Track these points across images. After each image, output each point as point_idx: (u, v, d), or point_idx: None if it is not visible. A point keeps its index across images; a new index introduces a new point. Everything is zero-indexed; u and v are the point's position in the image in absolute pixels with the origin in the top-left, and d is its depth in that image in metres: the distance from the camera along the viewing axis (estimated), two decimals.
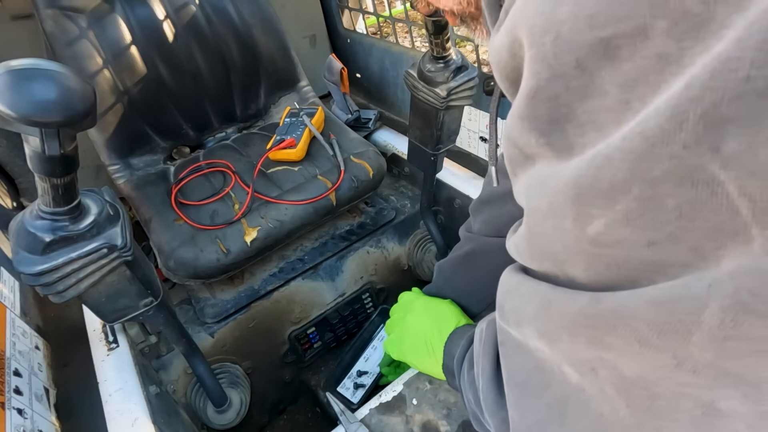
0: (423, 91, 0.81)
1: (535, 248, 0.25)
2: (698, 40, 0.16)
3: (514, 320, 0.29)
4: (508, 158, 0.26)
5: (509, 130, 0.24)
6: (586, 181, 0.20)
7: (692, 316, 0.18)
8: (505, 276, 0.30)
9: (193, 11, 1.04)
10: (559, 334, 0.24)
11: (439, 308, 0.67)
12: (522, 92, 0.22)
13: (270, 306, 0.97)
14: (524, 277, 0.28)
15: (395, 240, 1.14)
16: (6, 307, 0.71)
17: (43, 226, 0.50)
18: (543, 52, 0.20)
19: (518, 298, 0.28)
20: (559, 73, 0.20)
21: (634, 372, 0.21)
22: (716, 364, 0.18)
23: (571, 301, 0.23)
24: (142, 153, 1.04)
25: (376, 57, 1.34)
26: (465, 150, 1.14)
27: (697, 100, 0.15)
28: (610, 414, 0.23)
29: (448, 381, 0.62)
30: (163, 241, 0.87)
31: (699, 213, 0.17)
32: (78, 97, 0.42)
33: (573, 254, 0.22)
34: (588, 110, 0.20)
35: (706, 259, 0.17)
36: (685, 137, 0.16)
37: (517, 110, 0.23)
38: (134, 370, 0.71)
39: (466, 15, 0.39)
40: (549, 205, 0.22)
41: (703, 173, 0.16)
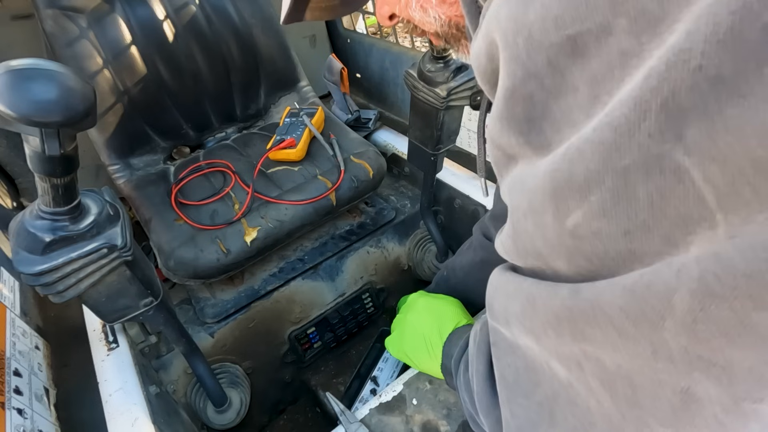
0: (423, 91, 0.81)
1: (520, 245, 0.26)
2: (655, 35, 0.17)
3: (503, 319, 0.29)
4: (493, 161, 0.27)
5: (491, 132, 0.25)
6: (561, 175, 0.20)
7: (663, 302, 0.18)
8: (494, 275, 0.31)
9: (193, 11, 1.04)
10: (544, 329, 0.24)
11: (440, 307, 0.67)
12: (500, 93, 0.23)
13: (270, 306, 0.97)
14: (511, 274, 0.28)
15: (395, 240, 1.14)
16: (6, 307, 0.71)
17: (43, 226, 0.50)
18: (516, 52, 0.21)
19: (505, 296, 0.28)
20: (532, 72, 0.20)
21: (615, 363, 0.21)
22: (689, 349, 0.18)
23: (552, 294, 0.23)
24: (142, 153, 1.04)
25: (376, 57, 1.34)
26: (465, 150, 1.14)
27: (657, 91, 0.16)
28: (597, 408, 0.23)
29: (446, 381, 0.62)
30: (163, 241, 0.87)
31: (668, 201, 0.17)
32: (78, 97, 0.42)
33: (554, 249, 0.23)
34: (562, 107, 0.20)
35: (676, 247, 0.18)
36: (649, 126, 0.17)
37: (497, 111, 0.23)
38: (134, 370, 0.71)
39: (449, 36, 0.41)
40: (529, 203, 0.23)
41: (670, 161, 0.17)
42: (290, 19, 0.46)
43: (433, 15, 0.39)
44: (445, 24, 0.40)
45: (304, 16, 0.47)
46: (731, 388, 0.18)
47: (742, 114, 0.15)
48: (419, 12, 0.40)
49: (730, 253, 0.16)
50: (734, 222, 0.16)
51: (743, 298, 0.16)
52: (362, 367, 0.95)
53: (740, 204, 0.16)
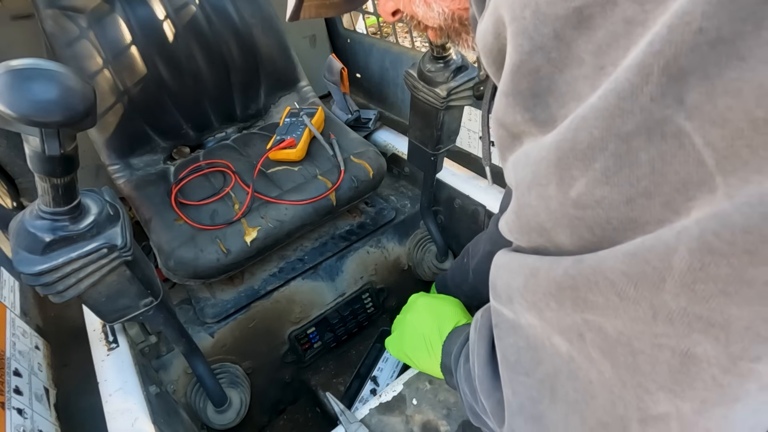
0: (423, 91, 0.81)
1: (523, 220, 0.26)
2: (659, 1, 0.17)
3: (506, 296, 0.30)
4: (497, 142, 0.27)
5: (496, 110, 0.25)
6: (565, 144, 0.20)
7: (663, 262, 0.18)
8: (497, 257, 0.31)
9: (193, 11, 1.04)
10: (546, 301, 0.25)
11: (440, 307, 0.67)
12: (506, 68, 0.23)
13: (270, 306, 0.97)
14: (514, 253, 0.28)
15: (395, 240, 1.14)
16: (6, 307, 0.71)
17: (43, 226, 0.50)
18: (524, 25, 0.21)
19: (509, 274, 0.29)
20: (539, 44, 0.21)
21: (616, 329, 0.21)
22: (688, 309, 0.18)
23: (555, 265, 0.23)
24: (142, 153, 1.04)
25: (376, 57, 1.34)
26: (465, 150, 1.14)
27: (659, 54, 0.16)
28: (598, 378, 0.24)
29: (446, 380, 0.62)
30: (163, 241, 0.87)
31: (670, 166, 0.17)
32: (78, 97, 0.42)
33: (558, 221, 0.23)
34: (568, 80, 0.20)
35: (677, 213, 0.18)
36: (652, 89, 0.17)
37: (503, 86, 0.23)
38: (134, 370, 0.71)
39: (451, 30, 0.42)
40: (533, 174, 0.23)
41: (671, 125, 0.17)
42: (295, 15, 0.46)
43: (437, 9, 0.40)
44: (448, 18, 0.40)
45: (308, 13, 0.47)
46: (729, 347, 0.18)
47: (741, 76, 0.15)
48: (423, 7, 0.41)
49: (729, 211, 0.16)
50: (733, 183, 0.16)
51: (741, 253, 0.16)
52: (362, 367, 0.95)
53: (738, 165, 0.16)
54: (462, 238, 1.11)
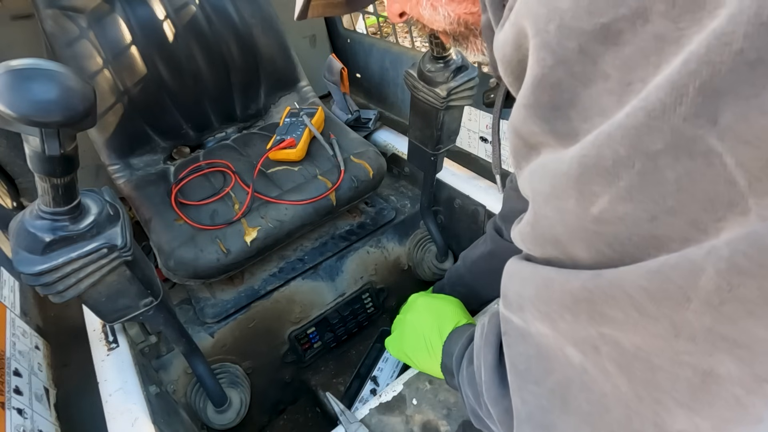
0: (423, 91, 0.81)
1: (539, 232, 0.26)
2: (694, 20, 0.17)
3: (517, 305, 0.29)
4: (513, 151, 0.27)
5: (514, 120, 0.25)
6: (589, 161, 0.20)
7: (689, 282, 0.18)
8: (509, 264, 0.31)
9: (193, 11, 1.04)
10: (561, 312, 0.24)
11: (440, 307, 0.67)
12: (527, 81, 0.22)
13: (270, 306, 0.97)
14: (527, 262, 0.28)
15: (395, 240, 1.14)
16: (6, 307, 0.71)
17: (43, 226, 0.50)
18: (547, 39, 0.21)
19: (520, 282, 0.28)
20: (562, 58, 0.20)
21: (634, 344, 0.21)
22: (713, 329, 0.18)
23: (572, 278, 0.23)
24: (142, 153, 1.04)
25: (376, 57, 1.34)
26: (465, 150, 1.14)
27: (695, 74, 0.16)
28: (613, 392, 0.23)
29: (446, 380, 0.62)
30: (163, 241, 0.87)
31: (698, 185, 0.17)
32: (78, 97, 0.42)
33: (575, 235, 0.23)
34: (591, 95, 0.20)
35: (705, 233, 0.18)
36: (685, 110, 0.17)
37: (522, 99, 0.23)
38: (134, 370, 0.71)
39: (457, 34, 0.42)
40: (551, 188, 0.23)
41: (702, 144, 0.17)
42: (303, 15, 0.46)
43: (443, 13, 0.40)
44: (454, 21, 0.40)
45: (316, 12, 0.47)
46: (754, 368, 0.18)
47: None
48: (429, 10, 0.40)
49: (761, 233, 0.16)
50: (766, 204, 0.16)
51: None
52: (362, 367, 0.95)
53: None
54: (462, 238, 1.11)
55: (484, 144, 1.09)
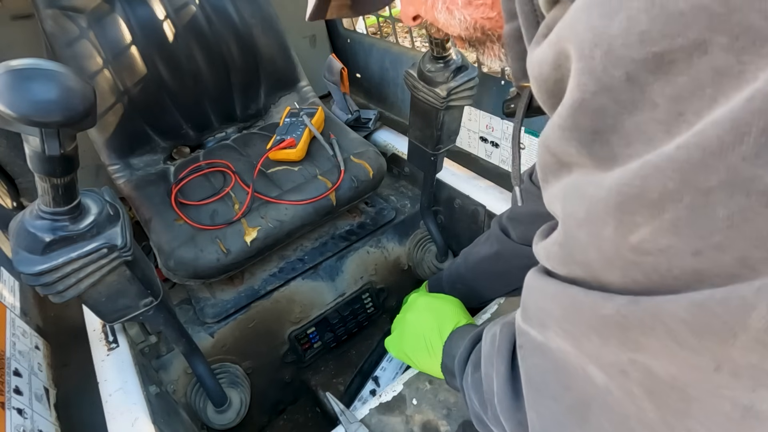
0: (423, 91, 0.81)
1: (567, 253, 0.25)
2: (760, 55, 0.16)
3: (538, 321, 0.29)
4: (541, 164, 0.27)
5: (547, 138, 0.25)
6: (632, 191, 0.20)
7: (737, 318, 0.18)
8: (531, 278, 0.30)
9: (193, 11, 1.04)
10: (588, 335, 0.24)
11: (440, 307, 0.67)
12: (566, 103, 0.22)
13: (270, 306, 0.97)
14: (552, 279, 0.28)
15: (395, 240, 1.14)
16: (6, 307, 0.71)
17: (43, 226, 0.50)
18: (592, 65, 0.20)
19: (544, 299, 0.28)
20: (607, 86, 0.20)
21: (668, 374, 0.21)
22: (759, 366, 0.18)
23: (604, 302, 0.23)
24: (142, 153, 1.04)
25: (376, 57, 1.34)
26: (465, 150, 1.14)
27: (760, 113, 0.16)
28: (638, 415, 0.23)
29: (446, 380, 0.62)
30: (163, 241, 0.87)
31: (751, 223, 0.17)
32: (78, 97, 0.42)
33: (610, 261, 0.22)
34: (637, 122, 0.20)
35: (755, 270, 0.17)
36: (745, 150, 0.16)
37: (559, 120, 0.23)
38: (134, 370, 0.71)
39: (473, 39, 0.41)
40: (586, 213, 0.22)
41: (760, 184, 0.16)
42: (315, 16, 0.45)
43: (459, 17, 0.39)
44: (470, 27, 0.39)
45: (327, 13, 0.46)
46: None
47: None
48: (444, 14, 0.40)
49: None
50: None
51: None
52: (365, 364, 0.95)
53: None
54: (462, 238, 1.11)
55: (484, 144, 1.09)
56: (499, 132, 1.03)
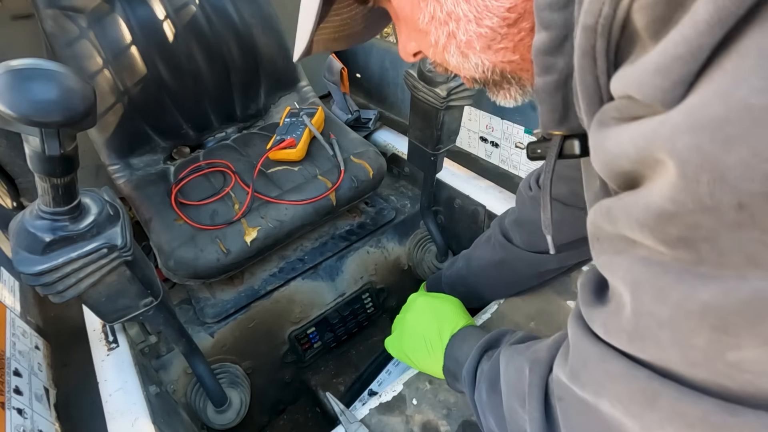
0: (423, 91, 0.81)
1: (638, 341, 0.25)
2: None
3: (593, 390, 0.29)
4: (597, 231, 0.26)
5: (611, 210, 0.24)
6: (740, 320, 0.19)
7: None
8: (581, 341, 0.30)
9: (193, 11, 1.04)
10: (661, 426, 0.24)
11: (439, 307, 0.67)
12: (652, 208, 0.21)
13: (270, 306, 0.97)
14: (610, 350, 0.27)
15: (395, 240, 1.14)
16: (6, 307, 0.71)
17: (43, 226, 0.50)
18: (695, 188, 0.19)
19: (605, 374, 0.28)
20: (710, 208, 0.19)
21: None
22: None
23: (690, 402, 0.22)
24: (142, 153, 1.04)
25: (376, 57, 1.34)
26: (465, 150, 1.14)
27: None
28: None
29: (447, 382, 0.62)
30: (163, 241, 0.87)
31: None
32: (78, 97, 0.42)
33: (696, 365, 0.22)
34: (738, 239, 0.19)
35: None
36: None
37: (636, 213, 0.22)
38: (134, 370, 0.71)
39: (489, 81, 0.38)
40: (671, 319, 0.22)
41: None
42: (306, 53, 0.42)
43: (475, 61, 0.36)
44: (488, 71, 0.37)
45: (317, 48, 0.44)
46: None
47: None
48: (457, 57, 0.37)
49: None
50: None
51: None
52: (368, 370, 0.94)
53: None
54: (462, 238, 1.11)
55: (484, 144, 1.09)
56: (499, 132, 1.03)
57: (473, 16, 0.33)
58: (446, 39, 0.36)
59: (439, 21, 0.35)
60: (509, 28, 0.33)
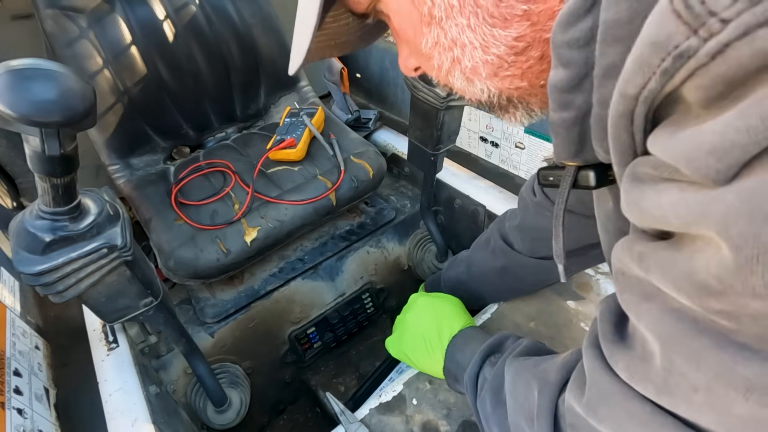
0: (423, 91, 0.81)
1: (667, 399, 0.25)
2: None
3: (611, 427, 0.29)
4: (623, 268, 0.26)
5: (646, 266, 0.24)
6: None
7: None
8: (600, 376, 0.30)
9: (193, 11, 1.04)
10: None
11: (439, 307, 0.67)
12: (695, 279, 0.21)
13: (270, 306, 0.97)
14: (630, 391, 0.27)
15: (395, 240, 1.14)
16: (6, 307, 0.71)
17: (43, 226, 0.50)
18: (747, 276, 0.18)
19: (626, 415, 0.28)
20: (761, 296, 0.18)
21: None
22: None
23: None
24: (142, 153, 1.04)
25: (376, 57, 1.34)
26: (465, 150, 1.14)
27: None
28: None
29: (448, 382, 0.62)
30: (163, 241, 0.87)
31: None
32: (78, 97, 0.42)
33: (729, 426, 0.22)
34: None
35: None
36: None
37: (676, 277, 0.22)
38: (134, 370, 0.71)
39: (494, 106, 0.37)
40: (708, 386, 0.22)
41: None
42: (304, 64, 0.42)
43: (480, 87, 0.35)
44: (494, 96, 0.36)
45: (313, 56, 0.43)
46: None
47: None
48: (462, 81, 0.36)
49: None
50: None
51: None
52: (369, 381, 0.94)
53: None
54: (462, 238, 1.11)
55: (484, 144, 1.09)
56: (499, 132, 1.03)
57: (479, 44, 0.32)
58: (450, 64, 0.35)
59: (443, 47, 0.34)
60: (517, 56, 0.32)
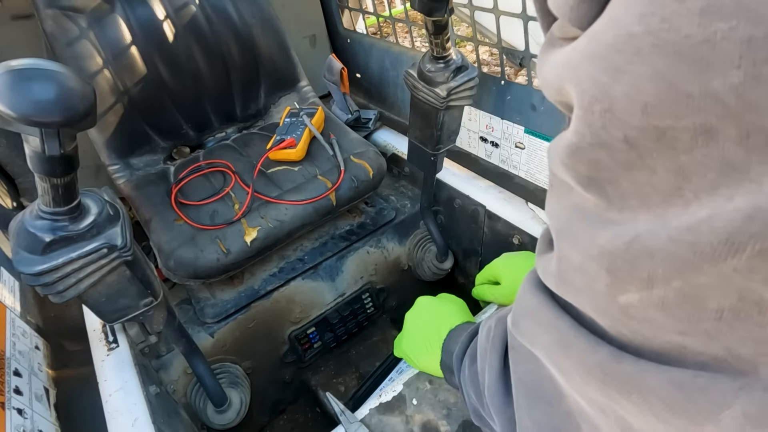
0: (423, 91, 0.81)
1: (562, 284, 0.25)
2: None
3: (529, 340, 0.29)
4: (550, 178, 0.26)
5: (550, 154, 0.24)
6: (622, 263, 0.19)
7: (713, 412, 0.18)
8: (526, 292, 0.30)
9: (193, 11, 1.04)
10: (572, 373, 0.24)
11: (441, 306, 0.67)
12: (564, 141, 0.21)
13: (270, 306, 0.97)
14: (545, 300, 0.27)
15: (395, 240, 1.14)
16: (6, 307, 0.71)
17: (43, 226, 0.50)
18: (591, 119, 0.19)
19: (536, 324, 0.28)
20: (605, 142, 0.19)
21: (642, 429, 0.21)
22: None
23: (590, 350, 0.23)
24: (142, 153, 1.04)
25: (376, 57, 1.34)
26: (465, 150, 1.14)
27: (758, 237, 0.15)
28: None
29: (446, 378, 0.62)
30: (163, 241, 0.87)
31: (742, 323, 0.17)
32: (78, 97, 0.42)
33: (600, 311, 0.22)
34: (633, 180, 0.19)
35: (740, 360, 0.17)
36: (737, 264, 0.16)
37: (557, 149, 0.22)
38: (134, 370, 0.71)
39: None
40: (580, 263, 0.22)
41: (753, 294, 0.16)
42: None
43: None
44: None
45: None
46: None
47: None
48: None
49: None
50: None
51: None
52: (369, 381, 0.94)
53: None
54: (462, 238, 1.11)
55: (484, 144, 1.09)
56: (499, 132, 1.03)
57: None
58: None
59: None
60: None
